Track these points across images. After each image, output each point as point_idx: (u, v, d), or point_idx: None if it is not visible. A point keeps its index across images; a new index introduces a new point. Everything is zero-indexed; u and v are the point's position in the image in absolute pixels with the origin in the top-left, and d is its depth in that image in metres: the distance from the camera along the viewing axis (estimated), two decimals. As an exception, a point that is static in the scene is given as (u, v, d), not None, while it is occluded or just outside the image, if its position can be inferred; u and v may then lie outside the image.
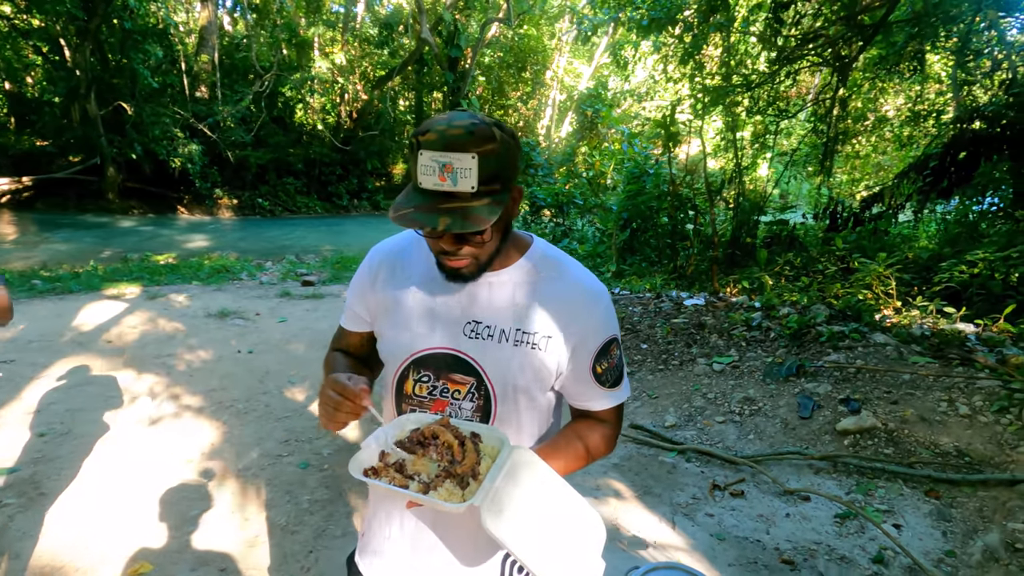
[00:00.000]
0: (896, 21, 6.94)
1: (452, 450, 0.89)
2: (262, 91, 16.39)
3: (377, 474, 0.87)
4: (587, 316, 1.02)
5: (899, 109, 12.34)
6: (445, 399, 1.02)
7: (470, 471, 0.85)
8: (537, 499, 0.86)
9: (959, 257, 5.37)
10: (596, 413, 1.09)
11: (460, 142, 0.84)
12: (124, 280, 6.81)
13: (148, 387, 3.97)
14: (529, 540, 0.80)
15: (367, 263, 1.13)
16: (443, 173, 0.85)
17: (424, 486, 0.83)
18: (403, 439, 0.93)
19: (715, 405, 3.75)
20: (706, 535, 2.56)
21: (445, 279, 0.99)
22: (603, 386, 1.06)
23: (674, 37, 7.79)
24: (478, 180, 0.85)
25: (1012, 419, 2.93)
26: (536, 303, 1.01)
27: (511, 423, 1.03)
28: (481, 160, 0.85)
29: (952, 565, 2.30)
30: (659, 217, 8.96)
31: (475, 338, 1.00)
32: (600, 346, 1.03)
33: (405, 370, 1.04)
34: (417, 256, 1.08)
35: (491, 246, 0.95)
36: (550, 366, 1.01)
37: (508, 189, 0.92)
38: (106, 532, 2.47)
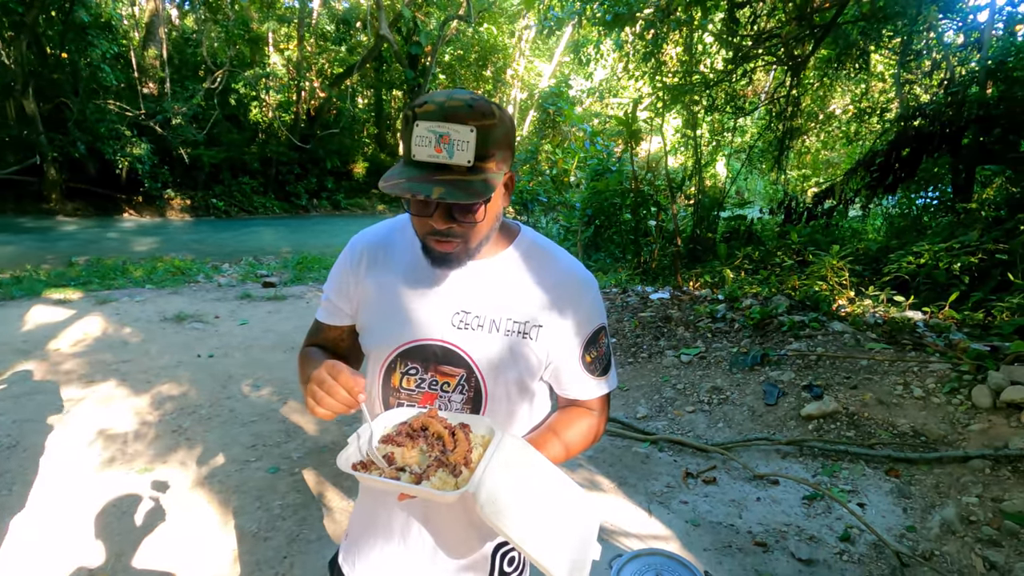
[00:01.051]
0: (845, 22, 7.22)
1: (443, 440, 0.87)
2: (214, 88, 15.83)
3: (366, 468, 0.84)
4: (577, 305, 1.00)
5: (846, 108, 12.86)
6: (434, 392, 0.99)
7: (462, 459, 0.84)
8: (531, 485, 0.85)
9: (906, 248, 5.65)
10: (585, 402, 1.08)
11: (459, 114, 0.82)
12: (71, 285, 6.48)
13: (102, 395, 3.78)
14: (525, 526, 0.79)
15: (349, 252, 1.09)
16: (439, 144, 0.83)
17: (416, 477, 0.81)
18: (391, 433, 0.91)
19: (684, 395, 3.82)
20: (681, 522, 2.61)
21: (431, 264, 0.95)
22: (592, 375, 1.04)
23: (635, 35, 7.90)
24: (475, 154, 0.83)
25: (962, 399, 3.09)
26: (526, 292, 0.99)
27: (502, 414, 1.01)
28: (479, 134, 0.83)
29: (913, 539, 2.40)
30: (622, 214, 9.09)
31: (464, 328, 0.97)
32: (590, 335, 1.02)
33: (392, 363, 1.00)
34: (402, 244, 1.04)
35: (482, 229, 0.92)
36: (541, 356, 0.99)
37: (503, 171, 0.89)
38: (61, 548, 2.34)
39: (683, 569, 1.46)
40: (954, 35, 8.25)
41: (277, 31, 18.99)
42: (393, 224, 1.09)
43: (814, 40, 7.21)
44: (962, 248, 5.03)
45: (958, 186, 6.84)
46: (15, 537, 2.40)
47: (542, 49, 23.82)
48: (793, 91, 8.48)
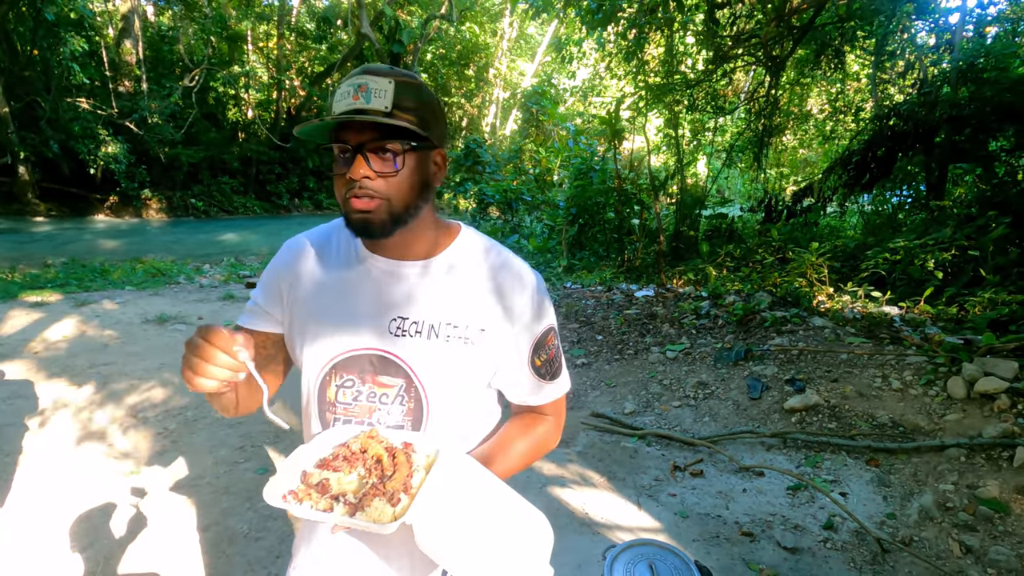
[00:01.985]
0: (822, 24, 7.37)
1: (381, 463, 0.81)
2: (192, 86, 15.58)
3: (298, 497, 0.77)
4: (522, 306, 0.95)
5: (822, 107, 13.11)
6: (372, 404, 0.93)
7: (401, 486, 0.78)
8: (477, 510, 0.79)
9: (882, 245, 5.79)
10: (538, 408, 1.04)
11: (379, 70, 0.83)
12: (47, 287, 6.34)
13: (84, 399, 3.72)
14: (469, 556, 0.74)
15: (283, 254, 1.02)
16: (357, 93, 0.82)
17: (352, 507, 0.75)
18: (328, 456, 0.84)
19: (671, 391, 3.88)
20: (670, 514, 2.65)
21: (354, 235, 0.90)
22: (543, 379, 1.00)
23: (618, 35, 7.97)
24: (393, 103, 0.81)
25: (938, 391, 3.19)
26: (467, 294, 0.94)
27: (447, 426, 0.94)
28: (398, 86, 0.82)
29: (893, 526, 2.48)
30: (606, 212, 9.17)
31: (402, 335, 0.91)
32: (538, 337, 0.97)
33: (326, 375, 0.94)
34: (338, 247, 0.99)
35: (404, 189, 0.85)
36: (485, 361, 0.94)
37: (427, 135, 0.86)
38: (49, 553, 2.31)
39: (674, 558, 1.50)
40: (926, 36, 8.47)
41: (256, 29, 18.75)
42: (330, 226, 1.03)
43: (792, 41, 7.34)
44: (936, 245, 5.18)
45: (931, 184, 7.02)
46: (2, 545, 2.36)
47: (524, 49, 23.87)
48: (772, 91, 8.62)
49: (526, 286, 0.96)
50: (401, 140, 0.83)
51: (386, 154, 0.83)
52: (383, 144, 0.83)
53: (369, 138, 0.82)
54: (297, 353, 0.98)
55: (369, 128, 0.82)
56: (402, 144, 0.83)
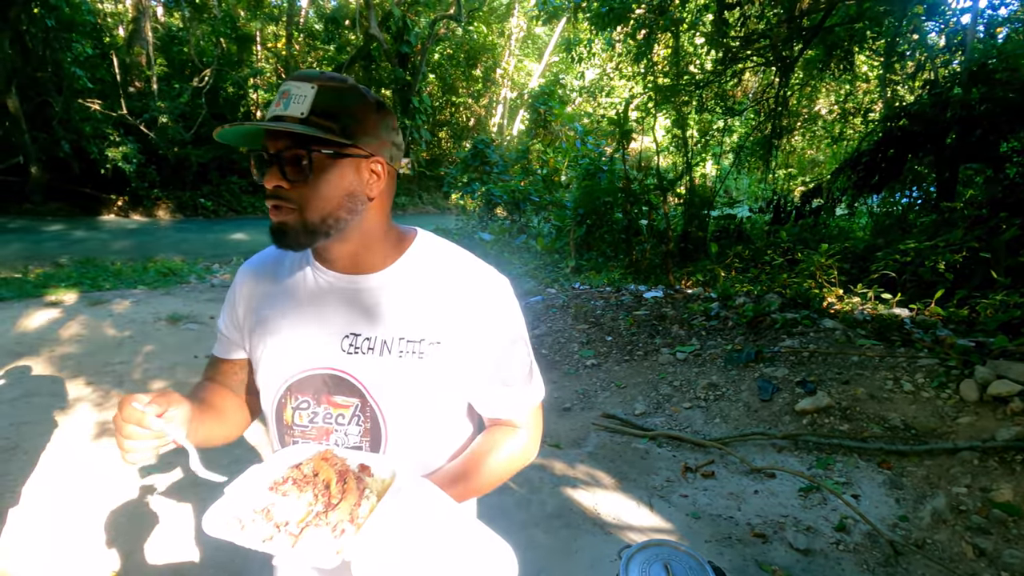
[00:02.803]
0: (832, 25, 7.35)
1: (329, 489, 0.75)
2: (202, 87, 15.69)
3: (240, 524, 0.73)
4: (482, 314, 0.90)
5: (831, 108, 13.07)
6: (328, 425, 0.90)
7: (347, 515, 0.72)
8: (430, 544, 0.72)
9: (892, 247, 5.78)
10: (508, 420, 0.98)
11: (307, 76, 0.81)
12: (62, 286, 6.41)
13: (100, 396, 3.77)
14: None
15: (235, 282, 1.01)
16: (280, 99, 0.81)
17: (295, 537, 0.70)
18: (279, 479, 0.79)
19: (681, 392, 3.89)
20: (682, 515, 2.67)
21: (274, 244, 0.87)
22: (509, 389, 0.95)
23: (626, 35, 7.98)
24: (310, 109, 0.79)
25: (951, 393, 3.18)
26: (420, 306, 0.89)
27: (408, 446, 0.91)
28: (320, 91, 0.80)
29: (906, 528, 2.49)
30: (614, 213, 9.17)
31: (354, 353, 0.88)
32: (501, 345, 0.92)
33: (282, 397, 0.92)
34: (290, 267, 0.96)
35: (318, 197, 0.81)
36: (440, 376, 0.89)
37: (352, 143, 0.81)
38: (67, 548, 2.35)
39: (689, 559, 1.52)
40: (937, 37, 8.43)
41: (265, 29, 18.86)
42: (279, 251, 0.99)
43: (802, 42, 7.33)
44: (946, 246, 5.16)
45: (942, 185, 6.99)
46: (22, 540, 2.40)
47: (531, 49, 23.89)
48: (781, 92, 8.61)
49: (486, 293, 0.91)
50: (313, 148, 0.79)
51: (297, 162, 0.80)
52: (293, 152, 0.79)
53: (283, 146, 0.80)
54: (256, 376, 0.96)
55: (283, 136, 0.80)
56: (314, 152, 0.79)
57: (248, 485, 0.78)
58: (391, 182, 0.89)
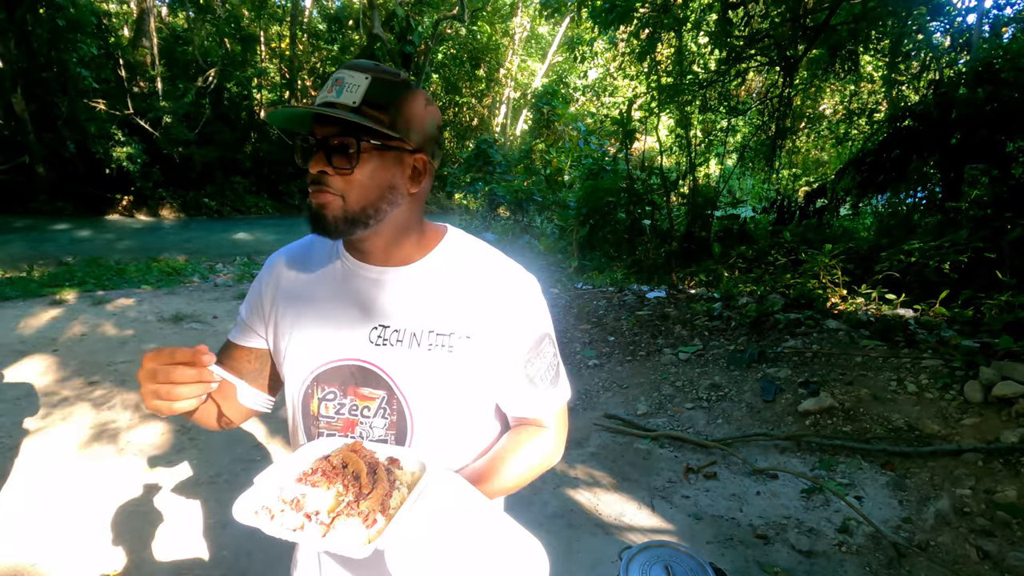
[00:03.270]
0: (837, 24, 7.32)
1: (360, 480, 0.76)
2: (206, 87, 15.73)
3: (269, 513, 0.73)
4: (511, 310, 0.90)
5: (836, 108, 13.02)
6: (354, 417, 0.90)
7: (378, 506, 0.73)
8: (460, 537, 0.73)
9: (896, 247, 5.75)
10: (534, 419, 0.98)
11: (361, 66, 0.82)
12: (66, 285, 6.43)
13: (102, 396, 3.79)
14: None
15: (265, 269, 1.01)
16: (332, 86, 0.81)
17: (325, 527, 0.71)
18: (308, 470, 0.80)
19: (683, 392, 3.88)
20: (684, 516, 2.66)
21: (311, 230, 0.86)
22: (537, 388, 0.94)
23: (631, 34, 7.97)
24: (363, 99, 0.79)
25: (955, 395, 3.16)
26: (451, 300, 0.89)
27: (434, 440, 0.90)
28: (373, 82, 0.80)
29: (909, 530, 2.47)
30: (617, 213, 9.16)
31: (383, 345, 0.88)
32: (530, 343, 0.92)
33: (309, 388, 0.92)
34: (319, 258, 0.97)
35: (362, 187, 0.82)
36: (470, 371, 0.89)
37: (402, 137, 0.83)
38: (69, 548, 2.36)
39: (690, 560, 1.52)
40: (942, 37, 8.39)
41: (269, 30, 18.90)
42: (309, 241, 1.01)
43: (807, 41, 7.31)
44: (951, 247, 5.13)
45: (947, 185, 6.96)
46: (23, 539, 2.41)
47: (535, 49, 23.88)
48: (785, 91, 8.58)
49: (516, 290, 0.92)
50: (362, 137, 0.80)
51: (347, 150, 0.81)
52: (343, 139, 0.80)
53: (332, 133, 0.81)
54: (281, 367, 0.96)
55: (333, 123, 0.81)
56: (363, 141, 0.80)
57: (277, 476, 0.78)
58: (430, 179, 0.90)
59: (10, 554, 2.31)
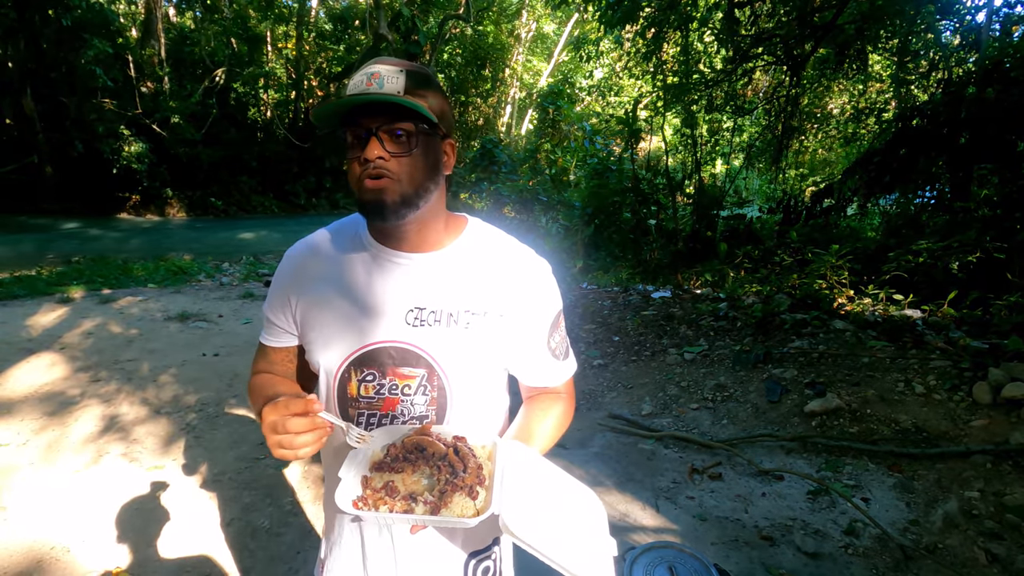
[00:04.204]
0: (844, 22, 7.27)
1: (448, 460, 0.81)
2: (213, 87, 15.81)
3: (368, 503, 0.78)
4: (536, 290, 0.98)
5: (843, 107, 12.93)
6: (395, 396, 0.94)
7: (476, 479, 0.79)
8: (543, 493, 0.82)
9: (904, 247, 5.70)
10: (554, 388, 1.06)
11: (389, 60, 0.86)
12: (73, 284, 6.47)
13: (109, 394, 3.80)
14: (551, 537, 0.76)
15: (284, 265, 1.03)
16: (370, 80, 0.84)
17: (433, 505, 0.76)
18: (381, 457, 0.85)
19: (688, 393, 3.86)
20: (689, 516, 2.64)
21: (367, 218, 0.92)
22: (558, 359, 1.03)
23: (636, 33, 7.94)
24: (404, 89, 0.84)
25: (963, 396, 3.13)
26: (482, 281, 0.95)
27: (470, 412, 0.97)
28: (409, 74, 0.85)
29: (917, 533, 2.45)
30: (622, 213, 9.13)
31: (420, 325, 0.92)
32: (552, 319, 1.01)
33: (346, 372, 0.95)
34: (340, 245, 1.00)
35: (416, 170, 0.87)
36: (504, 346, 0.96)
37: (438, 122, 0.88)
38: (75, 544, 2.37)
39: (694, 561, 1.50)
40: (951, 36, 8.32)
41: (275, 30, 18.97)
42: (327, 229, 1.04)
43: (814, 40, 7.26)
44: (960, 247, 5.08)
45: (955, 185, 6.90)
46: (29, 535, 2.42)
47: (541, 48, 23.85)
48: (792, 91, 8.53)
49: (539, 271, 1.00)
50: (413, 121, 0.85)
51: (400, 135, 0.85)
52: (396, 126, 0.84)
53: (383, 120, 0.84)
54: (314, 354, 0.98)
55: (382, 111, 0.84)
56: (415, 125, 0.85)
57: (357, 468, 0.83)
58: (454, 160, 0.96)
59: (18, 551, 2.32)
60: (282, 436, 0.78)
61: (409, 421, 0.96)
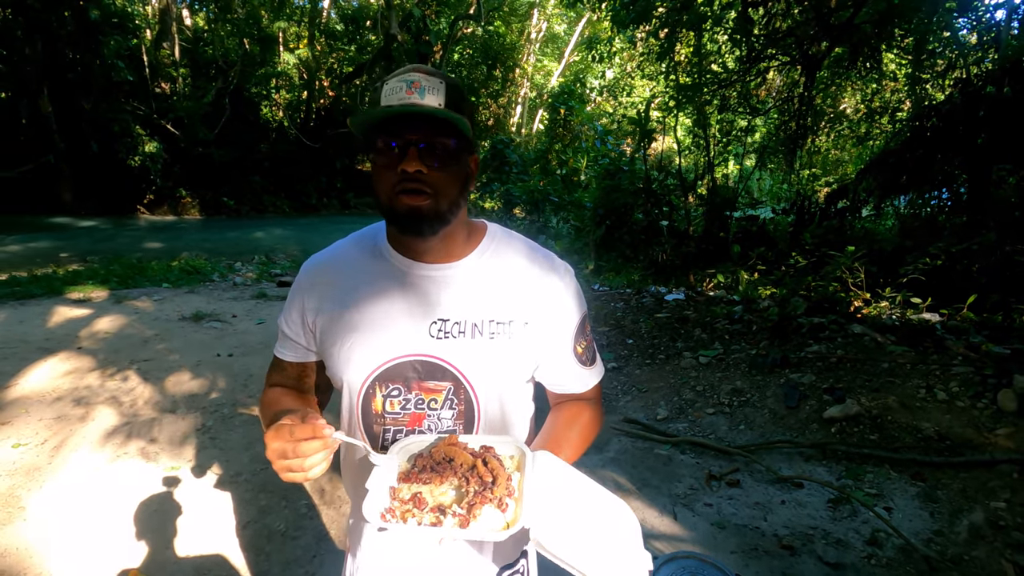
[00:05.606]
0: (861, 22, 7.18)
1: (477, 471, 0.79)
2: (226, 87, 15.91)
3: (396, 515, 0.76)
4: (560, 296, 0.96)
5: (857, 107, 12.77)
6: (421, 411, 0.92)
7: (506, 491, 0.76)
8: (576, 504, 0.79)
9: (922, 249, 5.62)
10: (581, 394, 1.03)
11: (428, 69, 0.85)
12: (89, 284, 6.53)
13: (126, 393, 3.82)
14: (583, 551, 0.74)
15: (301, 279, 1.01)
16: (410, 88, 0.82)
17: (462, 518, 0.74)
18: (409, 469, 0.82)
19: (704, 397, 3.82)
20: (707, 524, 2.61)
21: (399, 232, 0.89)
22: (585, 365, 1.00)
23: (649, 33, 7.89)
24: (446, 102, 0.82)
25: (987, 403, 3.07)
26: (505, 290, 0.93)
27: (497, 423, 0.95)
28: (449, 86, 0.83)
29: (941, 544, 2.40)
30: (634, 213, 9.08)
31: (444, 338, 0.90)
32: (577, 325, 0.98)
33: (370, 388, 0.93)
34: (359, 259, 0.97)
35: (452, 184, 0.86)
36: (531, 354, 0.94)
37: (469, 139, 0.87)
38: (92, 544, 2.38)
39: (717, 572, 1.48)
40: (968, 34, 8.19)
41: (288, 31, 19.06)
42: (345, 242, 1.02)
43: (830, 40, 7.17)
44: (979, 249, 5.00)
45: (973, 186, 6.79)
46: (47, 535, 2.44)
47: (552, 48, 23.81)
48: (807, 91, 8.44)
49: (561, 276, 0.98)
50: (454, 137, 0.84)
51: (438, 150, 0.83)
52: (436, 140, 0.83)
53: (424, 133, 0.82)
54: (336, 370, 0.96)
55: (422, 123, 0.82)
56: (454, 141, 0.84)
57: (384, 480, 0.80)
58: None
59: (36, 550, 2.33)
60: (291, 461, 0.75)
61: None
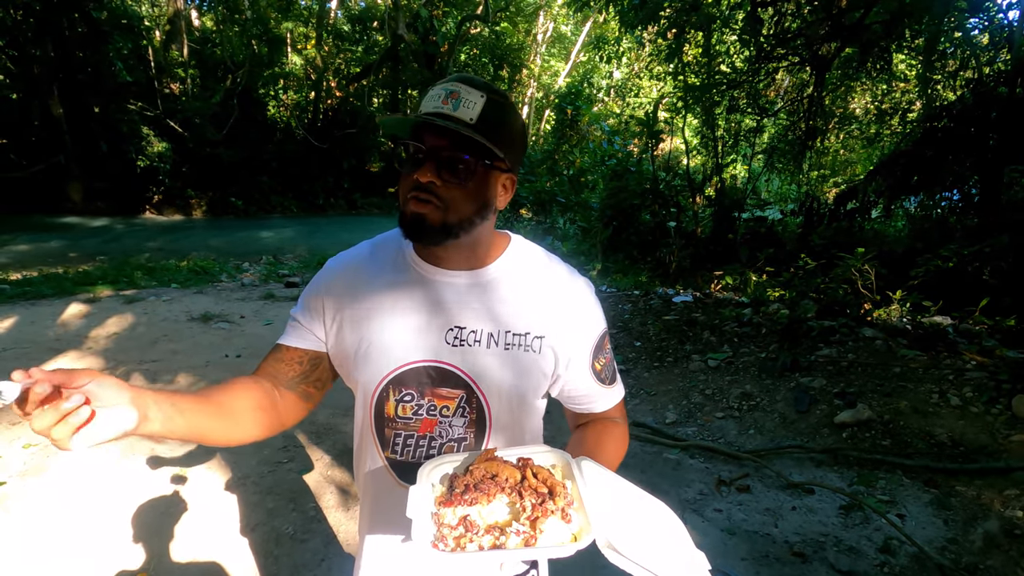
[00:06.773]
0: (872, 22, 7.12)
1: (528, 483, 0.75)
2: (234, 88, 15.99)
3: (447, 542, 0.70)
4: (579, 311, 0.95)
5: (867, 107, 12.68)
6: (433, 417, 0.93)
7: (565, 502, 0.73)
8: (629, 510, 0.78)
9: (933, 251, 5.56)
10: (605, 412, 1.02)
11: (474, 81, 0.83)
12: (98, 284, 6.57)
13: (135, 395, 3.83)
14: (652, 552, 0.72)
15: (323, 275, 1.01)
16: (447, 98, 0.82)
17: (528, 535, 0.69)
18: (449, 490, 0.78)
19: (713, 401, 3.80)
20: (717, 530, 2.59)
21: (404, 235, 0.87)
22: (605, 383, 0.99)
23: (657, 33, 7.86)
24: (479, 117, 0.81)
25: (1002, 409, 3.04)
26: (524, 302, 0.93)
27: (508, 435, 0.95)
28: (488, 101, 0.82)
29: (955, 552, 2.37)
30: (641, 214, 9.05)
31: (459, 346, 0.90)
32: (596, 341, 0.96)
33: (383, 391, 0.93)
34: (383, 262, 0.97)
35: (464, 201, 0.84)
36: (545, 369, 0.93)
37: (502, 157, 0.85)
38: (99, 547, 2.38)
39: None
40: (980, 34, 8.10)
41: (296, 31, 19.13)
42: (370, 243, 1.02)
43: (840, 40, 7.12)
44: (992, 252, 4.95)
45: (985, 187, 6.73)
46: (54, 538, 2.44)
47: (559, 48, 23.79)
48: (817, 91, 8.38)
49: (580, 292, 0.97)
50: (475, 155, 0.82)
51: (457, 164, 0.82)
52: (456, 154, 0.82)
53: (445, 144, 0.82)
54: (351, 371, 0.96)
55: (447, 135, 0.82)
56: (474, 159, 0.83)
57: (424, 505, 0.76)
58: (512, 194, 0.93)
59: (45, 549, 2.33)
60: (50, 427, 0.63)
61: (447, 443, 0.94)
